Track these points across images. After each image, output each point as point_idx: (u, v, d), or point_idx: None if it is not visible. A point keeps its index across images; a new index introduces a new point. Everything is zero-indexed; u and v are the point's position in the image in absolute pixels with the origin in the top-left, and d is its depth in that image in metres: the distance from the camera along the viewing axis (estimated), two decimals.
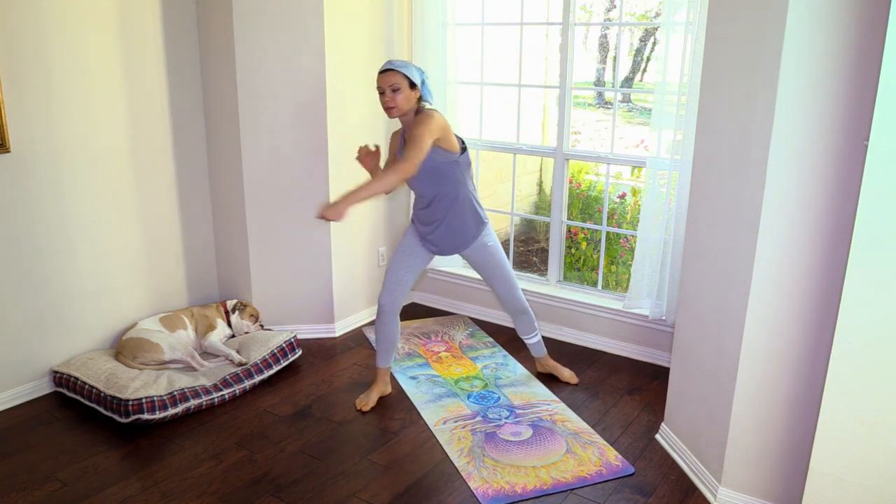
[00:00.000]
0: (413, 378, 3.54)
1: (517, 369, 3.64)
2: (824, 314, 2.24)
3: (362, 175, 4.02)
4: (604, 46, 8.46)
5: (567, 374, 3.54)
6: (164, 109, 3.64)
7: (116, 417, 3.05)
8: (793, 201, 2.22)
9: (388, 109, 2.92)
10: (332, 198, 3.81)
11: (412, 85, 2.90)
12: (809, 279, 2.25)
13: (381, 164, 3.23)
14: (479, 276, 4.30)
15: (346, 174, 3.90)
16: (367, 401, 3.26)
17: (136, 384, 3.11)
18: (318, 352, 3.85)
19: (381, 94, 2.91)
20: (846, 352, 1.95)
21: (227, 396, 3.29)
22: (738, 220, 2.39)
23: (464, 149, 3.02)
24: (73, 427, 3.09)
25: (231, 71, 3.62)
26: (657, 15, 6.08)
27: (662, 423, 3.04)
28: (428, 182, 3.01)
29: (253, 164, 3.74)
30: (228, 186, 3.85)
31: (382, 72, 2.91)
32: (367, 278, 4.22)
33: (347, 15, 3.71)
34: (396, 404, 3.31)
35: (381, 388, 3.32)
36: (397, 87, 2.87)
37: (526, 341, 3.52)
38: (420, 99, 2.96)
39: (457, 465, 2.83)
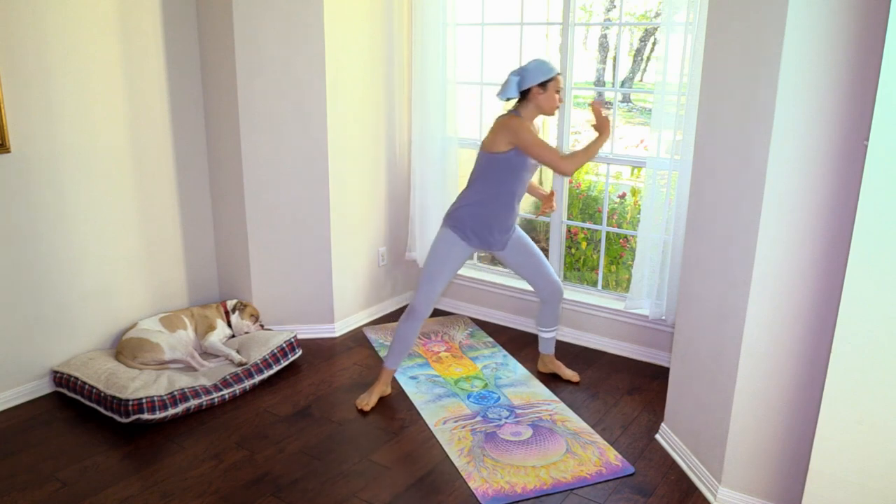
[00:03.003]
0: (413, 378, 3.54)
1: (517, 369, 3.64)
2: (824, 314, 2.24)
3: (362, 175, 4.03)
4: (604, 46, 8.46)
5: (569, 373, 3.54)
6: (164, 109, 3.64)
7: (116, 417, 3.05)
8: (793, 201, 2.22)
9: (555, 108, 3.09)
10: (333, 198, 3.81)
11: None
12: (809, 279, 2.26)
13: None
14: (478, 277, 4.31)
15: (346, 173, 3.90)
16: (369, 401, 3.25)
17: (136, 384, 3.11)
18: (318, 352, 3.85)
19: (557, 92, 3.06)
20: (846, 352, 1.95)
21: (227, 396, 3.29)
22: (738, 220, 2.39)
23: None
24: (73, 427, 3.09)
25: (231, 71, 3.62)
26: (657, 15, 6.08)
27: (662, 423, 3.04)
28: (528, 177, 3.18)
29: (253, 164, 3.74)
30: (228, 187, 3.85)
31: (559, 74, 3.06)
32: (367, 278, 4.22)
33: (347, 15, 3.71)
34: (396, 404, 3.31)
35: (382, 389, 3.32)
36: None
37: (542, 334, 3.52)
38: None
39: (457, 465, 2.83)
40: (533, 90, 3.02)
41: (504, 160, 3.04)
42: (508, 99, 3.08)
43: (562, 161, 2.99)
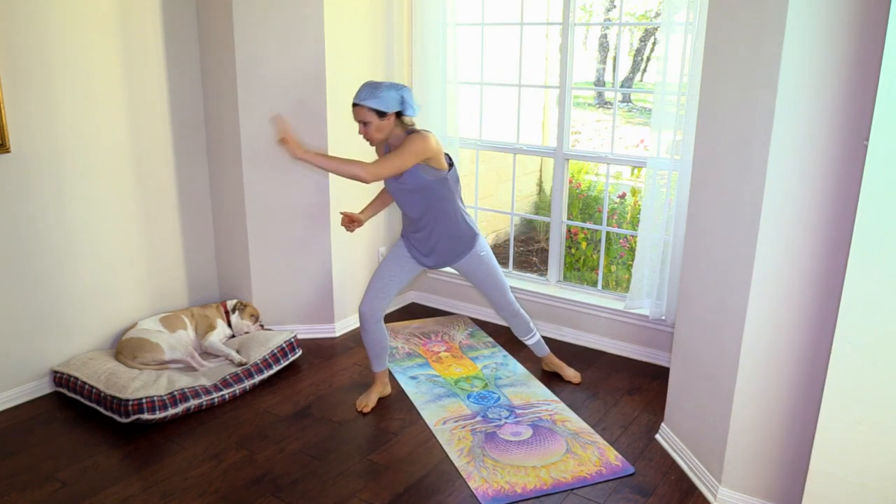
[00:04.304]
0: (413, 378, 3.54)
1: (517, 369, 3.64)
2: (824, 314, 2.24)
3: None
4: (604, 46, 8.47)
5: (570, 372, 3.54)
6: (164, 109, 3.64)
7: (116, 417, 3.05)
8: (793, 201, 2.22)
9: (367, 140, 2.92)
10: (333, 198, 3.81)
11: (381, 114, 2.82)
12: (809, 279, 2.26)
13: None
14: None
15: None
16: (367, 402, 3.26)
17: (136, 384, 3.11)
18: (318, 352, 3.85)
19: (358, 121, 2.88)
20: (846, 352, 1.95)
21: (227, 396, 3.29)
22: (738, 220, 2.39)
23: (451, 165, 3.01)
24: (73, 427, 3.09)
25: (231, 70, 3.62)
26: (657, 15, 6.08)
27: (662, 423, 3.04)
28: (418, 200, 3.00)
29: (253, 164, 3.74)
30: (228, 186, 3.85)
31: (353, 104, 2.85)
32: (367, 278, 4.21)
33: (347, 15, 3.71)
34: (396, 404, 3.31)
35: (380, 389, 3.33)
36: (367, 121, 2.83)
37: (526, 342, 3.52)
38: (400, 115, 2.88)
39: (457, 465, 2.83)
40: None
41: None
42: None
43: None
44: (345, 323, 4.11)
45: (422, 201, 3.00)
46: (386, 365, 3.34)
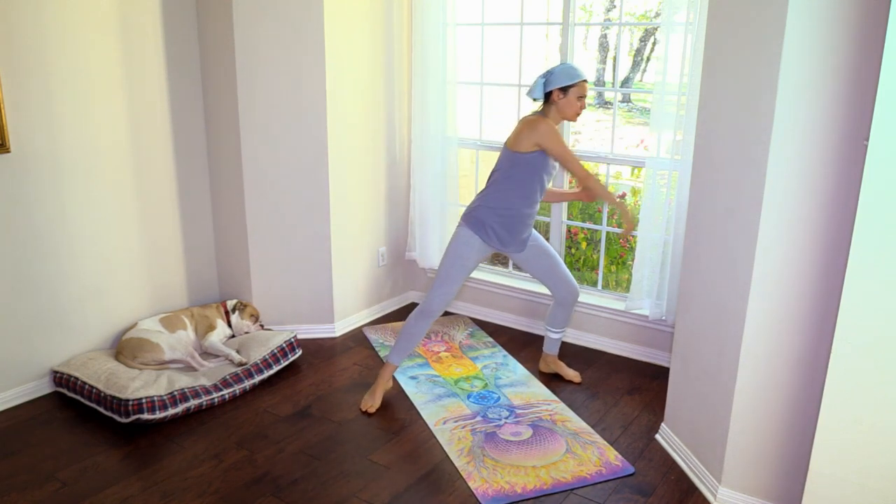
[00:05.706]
0: (413, 378, 3.54)
1: (517, 369, 3.64)
2: (824, 314, 2.24)
3: (362, 175, 4.03)
4: (604, 46, 8.47)
5: (571, 373, 3.54)
6: (164, 109, 3.64)
7: (116, 417, 3.05)
8: (792, 201, 2.22)
9: (576, 114, 3.08)
10: (333, 199, 3.81)
11: None
12: (809, 279, 2.26)
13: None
14: (478, 277, 4.31)
15: (345, 174, 3.90)
16: (373, 402, 3.24)
17: (136, 384, 3.11)
18: (318, 352, 3.85)
19: (580, 98, 3.05)
20: (846, 352, 1.95)
21: (227, 396, 3.29)
22: (738, 220, 2.39)
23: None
24: (73, 427, 3.09)
25: (231, 71, 3.62)
26: (657, 15, 6.08)
27: (662, 423, 3.04)
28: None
29: (253, 163, 3.74)
30: (228, 186, 3.85)
31: (585, 80, 3.04)
32: (367, 278, 4.22)
33: (347, 15, 3.71)
34: (396, 404, 3.31)
35: (385, 385, 3.31)
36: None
37: (550, 334, 3.52)
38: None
39: (457, 465, 2.83)
40: (554, 93, 3.02)
41: (527, 160, 3.03)
42: (535, 100, 3.08)
43: (589, 176, 3.06)
44: (345, 323, 4.11)
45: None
46: (401, 364, 3.37)
